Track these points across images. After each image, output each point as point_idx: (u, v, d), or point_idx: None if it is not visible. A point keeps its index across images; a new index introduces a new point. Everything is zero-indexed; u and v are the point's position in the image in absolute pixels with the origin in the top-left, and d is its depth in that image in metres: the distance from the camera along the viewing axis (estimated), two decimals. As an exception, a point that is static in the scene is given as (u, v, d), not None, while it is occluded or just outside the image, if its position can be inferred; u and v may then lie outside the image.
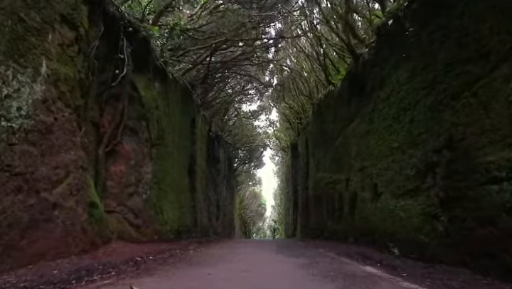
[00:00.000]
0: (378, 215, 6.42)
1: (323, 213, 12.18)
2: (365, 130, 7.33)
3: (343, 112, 9.12)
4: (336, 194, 10.16)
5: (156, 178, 8.95)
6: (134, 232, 7.59)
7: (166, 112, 9.95)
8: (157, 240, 8.64)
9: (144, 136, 8.44)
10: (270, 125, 25.70)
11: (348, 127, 8.70)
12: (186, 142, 12.58)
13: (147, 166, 8.55)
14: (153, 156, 8.94)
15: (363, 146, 7.45)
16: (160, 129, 9.36)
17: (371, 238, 6.85)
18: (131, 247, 6.71)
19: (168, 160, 9.99)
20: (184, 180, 12.13)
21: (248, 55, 12.77)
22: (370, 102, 6.97)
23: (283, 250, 7.87)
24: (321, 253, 6.68)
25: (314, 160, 14.05)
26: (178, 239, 10.54)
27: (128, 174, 7.73)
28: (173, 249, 7.41)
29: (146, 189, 8.33)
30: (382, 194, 6.25)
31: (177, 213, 10.77)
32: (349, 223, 8.54)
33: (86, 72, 6.03)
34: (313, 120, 14.22)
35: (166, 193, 9.77)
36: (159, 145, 9.33)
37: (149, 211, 8.36)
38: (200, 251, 7.41)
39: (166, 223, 9.60)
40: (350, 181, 8.46)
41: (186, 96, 12.39)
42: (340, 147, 9.63)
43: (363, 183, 7.38)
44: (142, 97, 8.40)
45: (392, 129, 5.83)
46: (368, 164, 7.06)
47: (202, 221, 15.31)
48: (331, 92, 10.52)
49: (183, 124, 11.95)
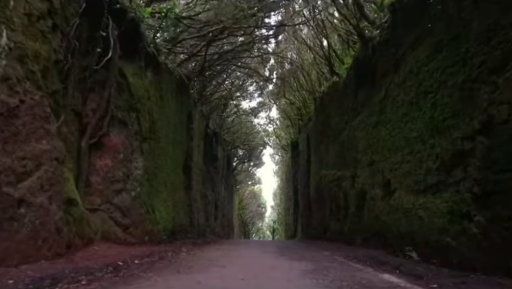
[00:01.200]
0: (391, 214, 5.76)
1: (325, 212, 11.53)
2: (375, 121, 6.67)
3: (349, 103, 8.46)
4: (340, 192, 9.51)
5: (147, 174, 8.28)
6: (121, 232, 6.92)
7: (159, 104, 9.28)
8: (148, 242, 7.98)
9: (133, 128, 7.77)
10: (270, 123, 25.05)
11: (355, 119, 8.04)
12: (182, 138, 11.92)
13: (137, 161, 7.88)
14: (144, 150, 8.28)
15: (372, 139, 6.80)
16: (152, 121, 8.70)
17: (382, 239, 6.20)
18: (116, 249, 6.04)
19: (161, 155, 9.32)
20: (179, 177, 11.46)
21: (247, 47, 12.11)
22: (381, 89, 6.32)
23: (284, 252, 7.21)
24: (327, 257, 6.02)
25: (316, 157, 13.40)
26: (172, 240, 9.88)
27: (115, 169, 7.06)
28: (164, 251, 6.74)
29: (135, 186, 7.67)
30: (396, 191, 5.59)
31: (171, 213, 10.11)
32: (356, 223, 7.88)
33: (65, 53, 5.36)
34: (315, 115, 13.56)
35: (159, 191, 9.11)
36: (151, 139, 8.67)
37: (139, 210, 7.69)
38: (193, 254, 6.74)
39: (159, 223, 8.93)
40: (358, 177, 7.81)
41: (182, 89, 11.72)
42: (345, 142, 8.98)
43: (372, 179, 6.73)
44: (131, 85, 7.73)
45: (409, 117, 5.18)
46: (379, 158, 6.41)
47: (199, 221, 14.64)
48: (336, 84, 9.86)
49: (178, 118, 11.29)
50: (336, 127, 10.03)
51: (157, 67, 9.17)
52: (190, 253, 6.98)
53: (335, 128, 10.13)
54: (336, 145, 10.15)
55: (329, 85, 10.76)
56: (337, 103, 9.80)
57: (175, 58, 11.26)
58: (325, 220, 11.54)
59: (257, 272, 4.27)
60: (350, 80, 8.39)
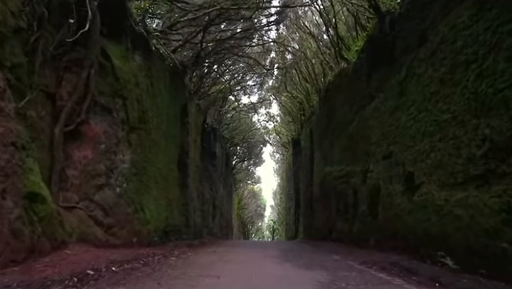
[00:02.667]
0: (415, 212, 4.93)
1: (331, 211, 10.69)
2: (392, 107, 5.84)
3: (360, 90, 7.62)
4: (348, 189, 8.66)
5: (135, 168, 7.44)
6: (103, 234, 6.07)
7: (149, 92, 8.43)
8: (136, 244, 7.13)
9: (119, 116, 6.92)
10: (270, 119, 24.19)
11: (367, 107, 7.20)
12: (176, 131, 11.07)
13: (123, 154, 7.03)
14: (132, 142, 7.43)
15: (389, 127, 5.96)
16: (141, 110, 7.85)
17: (402, 241, 5.36)
18: (94, 253, 5.19)
19: (152, 148, 8.47)
20: (173, 174, 10.61)
21: (247, 34, 11.26)
22: (401, 68, 5.48)
23: (288, 255, 6.37)
24: (340, 262, 5.17)
25: (320, 153, 12.56)
26: (165, 242, 9.03)
27: (96, 162, 6.22)
28: (152, 255, 5.90)
29: (121, 181, 6.82)
30: (423, 185, 4.76)
31: (163, 212, 9.26)
32: (368, 223, 7.05)
33: (29, 21, 4.52)
34: (319, 108, 12.71)
35: (149, 188, 8.26)
36: (140, 130, 7.82)
37: (125, 208, 6.84)
38: (185, 258, 5.89)
39: (149, 222, 8.08)
40: (370, 172, 6.96)
41: (176, 79, 10.88)
42: (354, 134, 8.13)
43: (389, 173, 5.89)
44: (117, 68, 6.88)
45: (440, 96, 4.35)
46: (398, 148, 5.57)
47: (195, 221, 13.79)
48: (344, 71, 9.02)
49: (172, 110, 10.44)
50: (343, 119, 9.19)
51: (147, 50, 8.32)
52: (182, 256, 6.13)
53: (342, 120, 9.29)
54: (343, 139, 9.30)
55: (336, 73, 9.91)
56: (345, 92, 8.95)
57: (168, 44, 10.40)
58: (330, 220, 10.70)
59: (259, 286, 3.43)
60: (361, 64, 7.54)
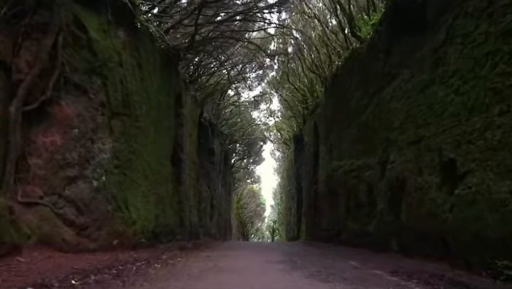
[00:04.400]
0: (459, 209, 3.94)
1: (339, 210, 9.71)
2: (423, 82, 4.85)
3: (377, 70, 6.63)
4: (361, 185, 7.67)
5: (117, 159, 6.43)
6: (74, 236, 5.07)
7: (136, 75, 7.42)
8: (118, 247, 6.13)
9: (97, 98, 5.92)
10: (271, 115, 23.18)
11: (386, 88, 6.21)
12: (169, 122, 10.07)
13: (103, 142, 6.03)
14: (114, 129, 6.43)
15: (418, 107, 4.96)
16: (126, 94, 6.84)
17: (438, 246, 4.36)
18: (57, 260, 4.19)
19: (139, 138, 7.47)
20: (166, 168, 9.61)
21: (247, 16, 10.25)
22: (438, 32, 4.49)
23: (296, 261, 5.36)
24: (362, 271, 4.16)
25: (326, 147, 11.56)
26: (154, 244, 8.03)
27: (67, 149, 5.22)
28: (133, 261, 4.90)
29: (99, 174, 5.81)
30: (471, 175, 3.76)
31: (153, 210, 8.25)
32: (388, 223, 6.05)
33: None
34: (325, 98, 11.71)
35: (136, 183, 7.24)
36: (125, 116, 6.81)
37: (104, 205, 5.84)
38: (172, 265, 4.88)
39: (135, 222, 7.07)
40: (391, 163, 5.97)
41: (169, 64, 9.87)
42: (369, 121, 7.14)
43: (419, 162, 4.90)
44: (94, 42, 5.88)
45: (502, 55, 3.35)
46: (432, 131, 4.58)
47: (191, 221, 12.76)
48: (356, 51, 8.03)
49: (164, 98, 9.43)
50: (354, 107, 8.20)
51: (132, 27, 7.31)
52: (169, 262, 5.12)
53: (353, 108, 8.29)
54: (354, 129, 8.31)
55: (346, 56, 8.91)
56: (357, 76, 7.96)
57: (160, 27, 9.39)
58: (339, 219, 9.71)
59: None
60: (379, 38, 6.54)
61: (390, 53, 6.06)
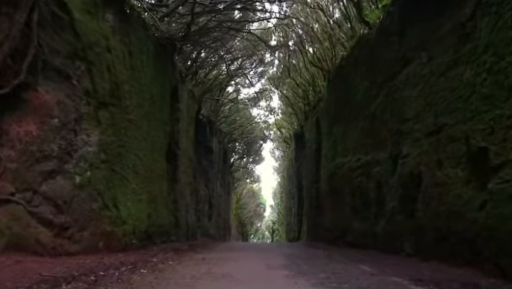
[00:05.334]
0: (494, 207, 3.40)
1: (344, 209, 9.17)
2: (445, 63, 4.32)
3: (388, 56, 6.11)
4: (369, 182, 7.14)
5: (105, 153, 5.90)
6: (51, 237, 4.53)
7: (126, 63, 6.89)
8: (104, 250, 5.59)
9: (81, 86, 5.38)
10: (271, 112, 22.61)
11: (399, 75, 5.68)
12: (164, 117, 9.52)
13: (88, 134, 5.49)
14: (101, 120, 5.90)
15: (440, 92, 4.43)
16: (115, 83, 6.31)
17: (465, 248, 3.81)
18: (25, 265, 3.64)
19: (130, 132, 6.93)
20: (160, 165, 9.06)
21: (246, 3, 9.71)
22: (463, 7, 3.95)
23: (300, 266, 4.82)
24: (378, 278, 3.62)
25: (329, 143, 11.03)
26: (146, 245, 7.50)
27: (45, 140, 4.68)
28: (117, 266, 4.36)
29: (83, 169, 5.27)
30: (508, 166, 3.22)
31: (145, 209, 7.71)
32: (400, 223, 5.52)
33: None
34: (328, 93, 11.18)
35: (126, 180, 6.71)
36: (114, 106, 6.28)
37: (88, 203, 5.30)
38: (160, 269, 4.34)
39: (124, 222, 6.54)
40: (403, 157, 5.44)
41: (164, 55, 9.33)
42: (378, 113, 6.61)
43: (439, 154, 4.36)
44: (78, 23, 5.34)
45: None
46: (456, 118, 4.05)
47: (187, 221, 12.23)
48: (364, 38, 7.49)
49: (158, 90, 8.89)
50: (361, 98, 7.67)
51: (123, 11, 6.78)
52: (158, 267, 4.58)
53: (360, 100, 7.76)
54: (360, 122, 7.78)
55: (353, 44, 8.38)
56: (364, 64, 7.42)
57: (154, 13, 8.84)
58: (343, 219, 9.18)
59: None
60: (391, 20, 6.00)
61: (403, 36, 5.52)
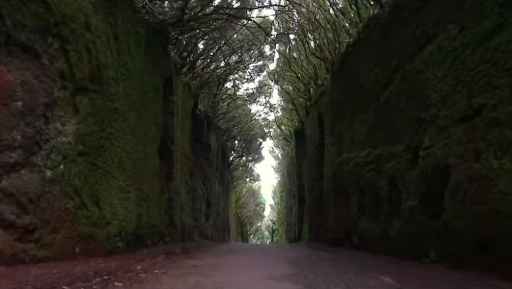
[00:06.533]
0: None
1: (350, 209, 8.48)
2: (483, 32, 3.61)
3: (404, 35, 5.40)
4: (381, 179, 6.43)
5: (84, 145, 5.18)
6: (13, 241, 3.80)
7: (110, 45, 6.17)
8: (82, 255, 4.88)
9: (54, 66, 4.66)
10: (270, 108, 21.91)
11: (418, 55, 4.97)
12: (156, 109, 8.81)
13: (63, 122, 4.78)
14: (80, 108, 5.18)
15: (476, 68, 3.71)
16: (95, 65, 5.58)
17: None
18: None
19: (115, 123, 6.22)
20: (151, 161, 8.35)
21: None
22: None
23: (306, 273, 4.11)
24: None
25: (333, 138, 10.33)
26: (135, 248, 6.81)
27: (5, 127, 3.95)
28: (91, 277, 3.66)
29: (55, 161, 4.56)
30: None
31: (134, 208, 7.00)
32: (422, 224, 4.81)
33: None
34: (332, 84, 10.48)
35: (110, 175, 5.99)
36: (94, 92, 5.56)
37: (61, 202, 4.58)
38: (138, 283, 3.62)
39: (108, 223, 5.83)
40: (426, 149, 4.73)
41: (155, 41, 8.62)
42: (392, 101, 5.90)
43: (476, 143, 3.65)
44: (49, -7, 4.61)
45: None
46: (499, 98, 3.34)
47: (183, 221, 11.53)
48: (374, 19, 6.77)
49: (149, 79, 8.18)
50: (371, 86, 6.97)
51: (107, -14, 6.06)
52: (139, 278, 3.86)
53: (368, 88, 7.06)
54: (369, 113, 7.08)
55: (359, 29, 7.66)
56: (374, 49, 6.72)
57: None
58: (349, 220, 8.48)
59: None
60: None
61: (423, 10, 4.81)
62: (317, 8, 11.04)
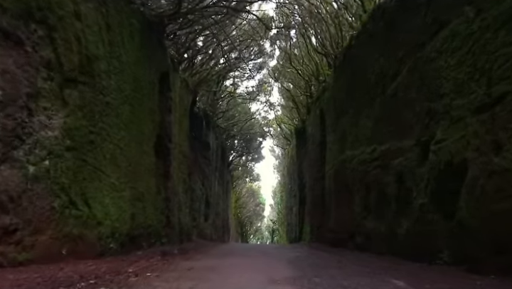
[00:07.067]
0: None
1: (353, 208, 8.16)
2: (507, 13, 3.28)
3: (413, 23, 5.08)
4: (388, 176, 6.11)
5: (72, 140, 4.86)
6: (-12, 243, 3.47)
7: (102, 35, 5.85)
8: (70, 257, 4.56)
9: (39, 55, 4.34)
10: (270, 107, 21.59)
11: (429, 43, 4.64)
12: (152, 105, 8.48)
13: (49, 115, 4.47)
14: (69, 101, 4.87)
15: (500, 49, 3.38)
16: (85, 55, 5.26)
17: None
18: None
19: (106, 117, 5.90)
20: (147, 158, 8.03)
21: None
22: None
23: (310, 277, 3.79)
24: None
25: (336, 136, 10.02)
26: (131, 250, 6.49)
27: (-17, 119, 3.63)
28: (75, 282, 3.34)
29: (39, 157, 4.24)
30: None
31: (128, 208, 6.68)
32: (433, 223, 4.49)
33: None
34: (334, 80, 10.16)
35: (101, 172, 5.67)
36: (84, 84, 5.25)
37: (46, 200, 4.26)
38: (130, 285, 3.30)
39: (100, 223, 5.51)
40: (437, 143, 4.42)
41: (151, 34, 8.30)
42: (400, 93, 5.59)
43: (497, 134, 3.34)
44: (33, -24, 4.29)
45: None
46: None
47: (181, 221, 11.19)
48: (380, 8, 6.45)
49: (144, 73, 7.85)
50: (376, 79, 6.66)
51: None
52: (128, 282, 3.54)
53: (374, 81, 6.75)
54: (375, 107, 6.76)
55: (364, 20, 7.34)
56: (380, 40, 6.41)
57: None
58: (352, 219, 8.16)
59: None
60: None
61: (434, -5, 4.51)
62: (319, 2, 10.72)
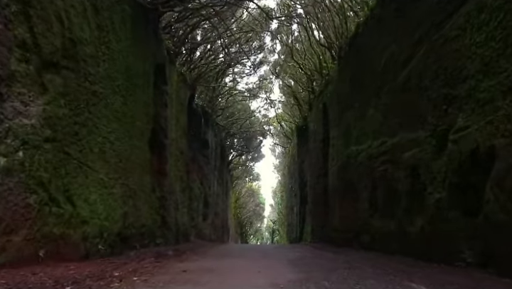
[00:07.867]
0: None
1: (359, 207, 7.72)
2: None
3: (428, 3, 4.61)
4: (397, 170, 5.66)
5: (52, 130, 4.40)
6: None
7: (88, 18, 5.38)
8: (50, 259, 4.10)
9: (11, 33, 3.87)
10: (271, 104, 21.14)
11: (448, 22, 4.18)
12: (147, 98, 8.02)
13: (25, 101, 4.01)
14: (49, 87, 4.40)
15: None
16: (68, 38, 4.80)
17: None
18: None
19: (94, 106, 5.43)
20: (141, 154, 7.56)
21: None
22: None
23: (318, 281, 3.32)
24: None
25: (339, 131, 9.57)
26: (122, 251, 6.05)
27: None
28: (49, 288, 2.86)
29: (13, 148, 3.77)
30: None
31: (119, 206, 6.22)
32: (454, 220, 4.03)
33: None
34: (339, 72, 9.71)
35: (87, 167, 5.20)
36: (68, 70, 4.78)
37: (20, 196, 3.79)
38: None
39: (85, 222, 5.05)
40: (458, 131, 3.96)
41: (145, 22, 7.85)
42: (413, 80, 5.13)
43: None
44: None
45: None
46: None
47: (177, 221, 10.72)
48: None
49: (137, 63, 7.39)
50: (385, 68, 6.20)
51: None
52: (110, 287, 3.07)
53: (383, 70, 6.30)
54: (383, 97, 6.31)
55: (373, 5, 6.90)
56: (392, 23, 5.95)
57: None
58: (358, 218, 7.71)
59: None
60: None
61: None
62: None
